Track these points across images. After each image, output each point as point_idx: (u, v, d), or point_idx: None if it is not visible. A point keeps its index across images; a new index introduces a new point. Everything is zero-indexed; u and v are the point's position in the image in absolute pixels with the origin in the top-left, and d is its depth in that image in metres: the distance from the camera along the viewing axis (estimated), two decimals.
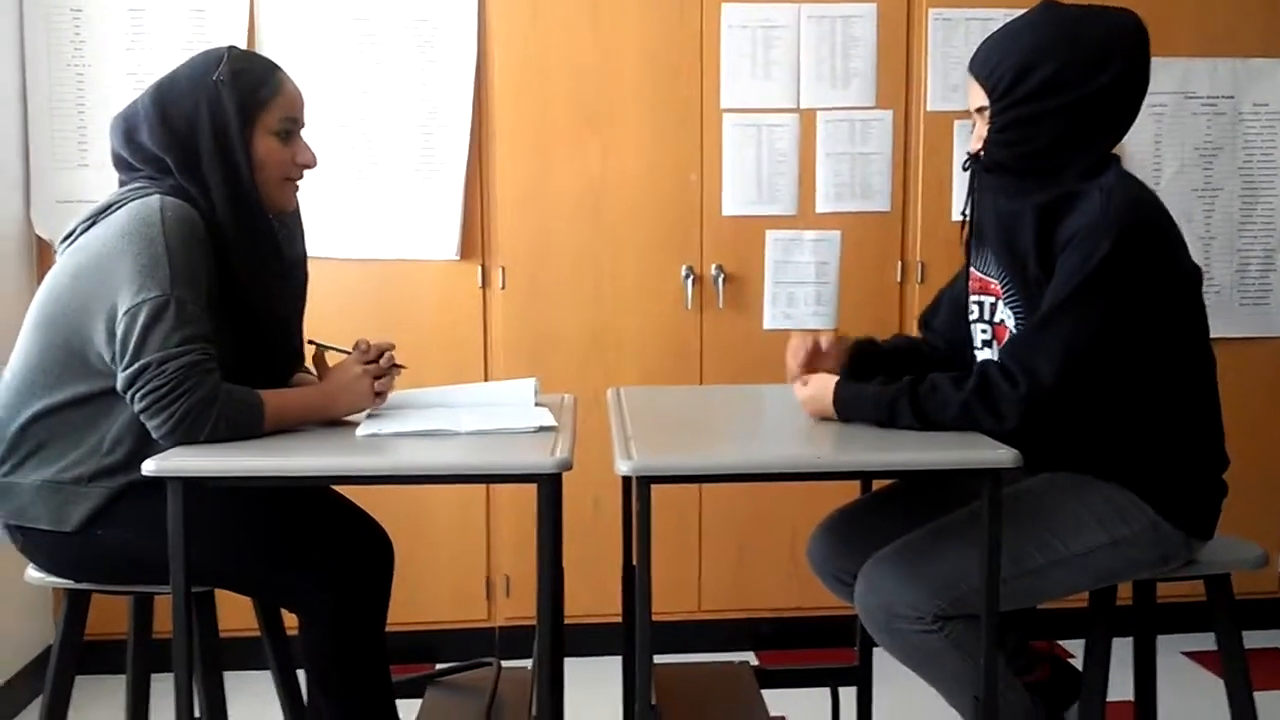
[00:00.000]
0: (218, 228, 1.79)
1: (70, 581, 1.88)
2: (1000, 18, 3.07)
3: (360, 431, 1.78)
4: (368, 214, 3.07)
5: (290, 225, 1.97)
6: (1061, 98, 1.77)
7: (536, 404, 2.00)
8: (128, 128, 1.83)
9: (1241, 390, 3.24)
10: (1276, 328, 3.29)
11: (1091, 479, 1.82)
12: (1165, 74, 3.18)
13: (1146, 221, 1.75)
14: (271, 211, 1.89)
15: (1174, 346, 1.81)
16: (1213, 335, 3.22)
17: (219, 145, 1.79)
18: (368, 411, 1.89)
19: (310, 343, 1.97)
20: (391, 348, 1.92)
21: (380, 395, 1.88)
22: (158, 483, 1.60)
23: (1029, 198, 1.80)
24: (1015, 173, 1.83)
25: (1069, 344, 1.70)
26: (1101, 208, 1.73)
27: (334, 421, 1.86)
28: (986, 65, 1.84)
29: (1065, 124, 1.78)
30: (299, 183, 1.93)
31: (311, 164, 1.91)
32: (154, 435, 1.71)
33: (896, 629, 1.78)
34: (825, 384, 1.85)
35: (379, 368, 1.88)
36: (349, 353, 1.90)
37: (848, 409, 1.81)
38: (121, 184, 1.87)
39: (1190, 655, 3.15)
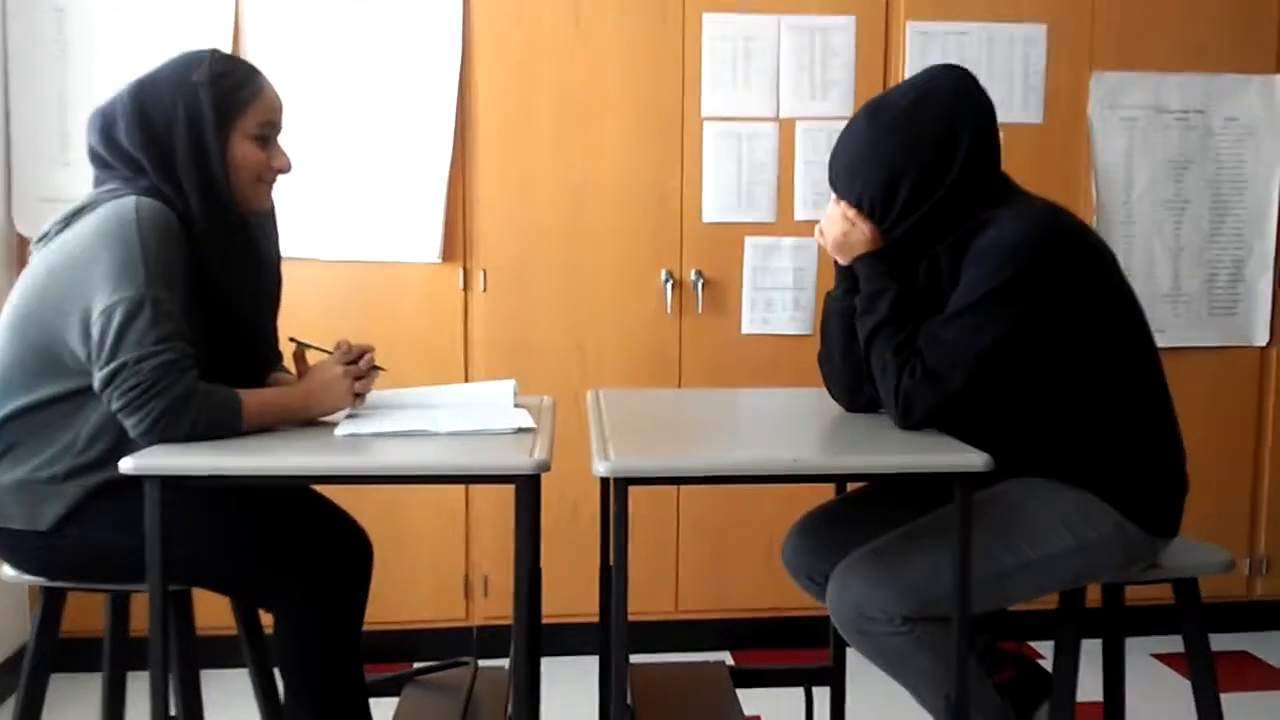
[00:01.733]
0: (192, 227, 1.79)
1: (45, 580, 1.87)
2: (975, 31, 3.17)
3: (339, 431, 1.79)
4: (350, 216, 3.08)
5: (265, 227, 1.98)
6: (933, 195, 1.82)
7: (515, 405, 2.02)
8: (105, 124, 1.84)
9: (1210, 398, 3.31)
10: (1244, 336, 3.34)
11: (1057, 484, 1.85)
12: (1137, 88, 3.24)
13: (1052, 236, 1.79)
14: (245, 211, 1.89)
15: (1116, 353, 1.85)
16: (1182, 344, 3.33)
17: (194, 146, 1.80)
18: (346, 412, 1.91)
19: (291, 340, 1.97)
20: (372, 349, 1.94)
21: (359, 396, 1.90)
22: (133, 481, 1.60)
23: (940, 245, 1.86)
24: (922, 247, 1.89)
25: (973, 350, 1.75)
26: (1008, 227, 1.78)
27: (313, 421, 1.87)
28: (851, 192, 1.88)
29: (947, 204, 1.83)
30: (273, 184, 1.93)
31: (287, 169, 1.91)
32: (131, 434, 1.71)
33: (867, 630, 1.81)
34: (867, 236, 1.88)
35: (359, 369, 1.89)
36: (329, 352, 1.92)
37: (862, 264, 1.88)
38: (97, 181, 1.87)
39: (1159, 657, 3.19)
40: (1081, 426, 1.84)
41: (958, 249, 1.83)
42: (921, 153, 1.81)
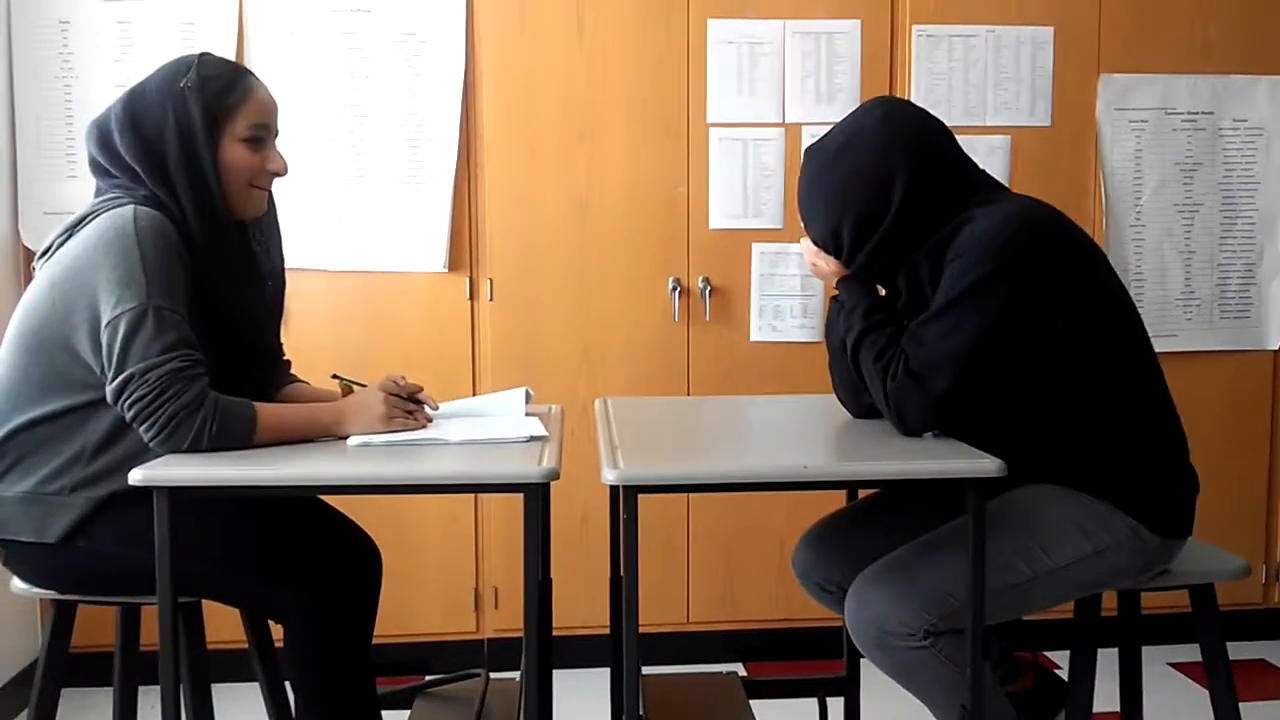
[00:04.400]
0: (189, 234, 1.79)
1: (55, 593, 1.87)
2: (982, 34, 3.16)
3: (351, 442, 1.78)
4: (356, 226, 3.07)
5: (268, 236, 1.97)
6: (879, 229, 1.84)
7: (527, 413, 2.01)
8: (101, 135, 1.84)
9: (1223, 403, 3.29)
10: (1256, 340, 3.32)
11: (1069, 490, 1.83)
12: (1146, 90, 3.22)
13: (1028, 229, 1.78)
14: (238, 218, 1.88)
15: (1110, 350, 1.83)
16: (1194, 349, 3.31)
17: (185, 152, 1.79)
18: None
19: (334, 377, 1.97)
20: (420, 389, 1.92)
21: (392, 420, 1.83)
22: (142, 492, 1.59)
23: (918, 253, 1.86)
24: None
25: (954, 348, 1.74)
26: (984, 224, 1.78)
27: None
28: (809, 231, 1.95)
29: (899, 230, 1.84)
30: (269, 190, 1.91)
31: (282, 172, 1.90)
32: (146, 443, 1.71)
33: (888, 645, 1.79)
34: (836, 267, 1.94)
35: (402, 402, 1.86)
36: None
37: (840, 287, 1.94)
38: (98, 191, 1.87)
39: (1175, 666, 3.16)
40: (1085, 429, 1.83)
41: (937, 252, 1.82)
42: (853, 194, 1.84)
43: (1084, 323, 1.80)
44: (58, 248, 1.82)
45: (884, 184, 1.83)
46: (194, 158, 1.80)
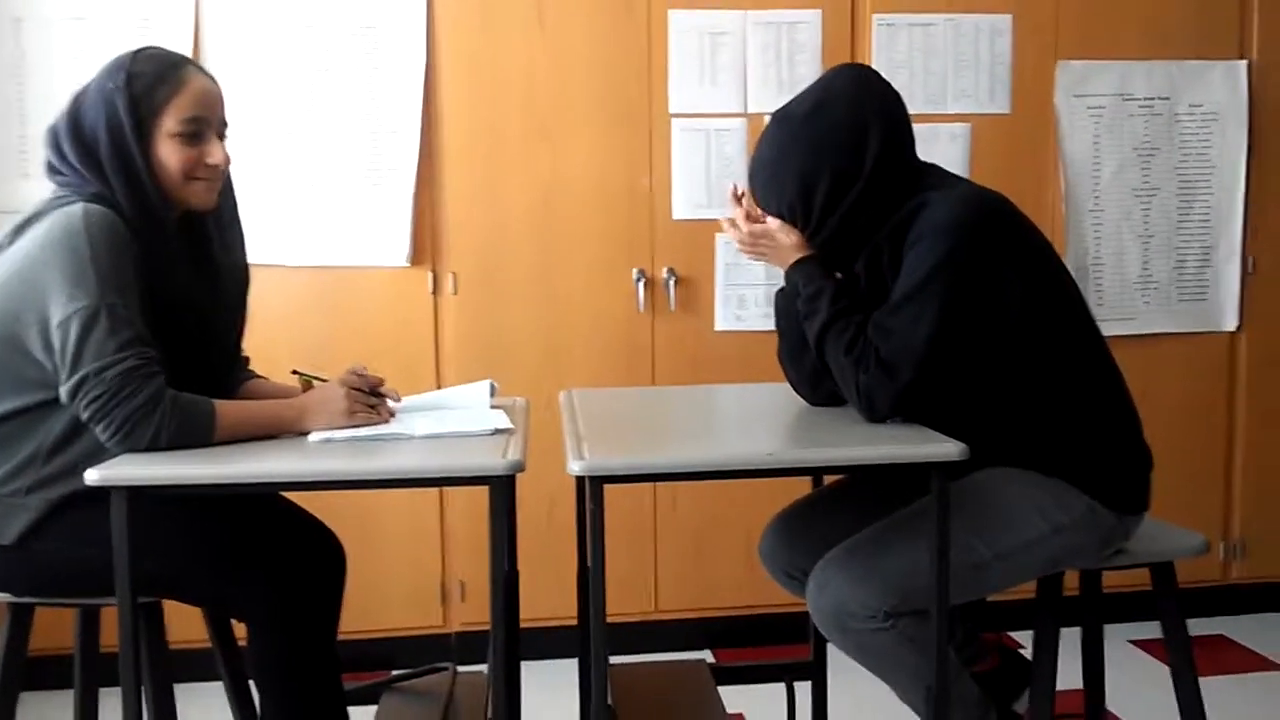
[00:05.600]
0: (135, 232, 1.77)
1: (11, 595, 1.84)
2: (941, 23, 3.17)
3: (313, 437, 1.77)
4: (317, 221, 3.04)
5: (229, 230, 1.95)
6: (850, 193, 1.84)
7: (492, 406, 2.00)
8: (54, 139, 1.83)
9: (1181, 384, 3.33)
10: (1214, 322, 3.37)
11: (1027, 471, 1.85)
12: (1104, 76, 3.25)
13: (984, 213, 1.81)
14: (186, 210, 1.85)
15: (1061, 330, 1.85)
16: (1152, 331, 3.35)
17: (117, 152, 1.77)
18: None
19: (294, 373, 1.95)
20: (382, 382, 1.90)
21: (354, 415, 1.83)
22: (99, 492, 1.57)
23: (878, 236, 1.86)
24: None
25: (922, 333, 1.75)
26: (941, 209, 1.79)
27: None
28: (769, 203, 1.90)
29: (867, 199, 1.84)
30: (214, 180, 1.86)
31: (221, 164, 1.86)
32: (103, 442, 1.69)
33: (849, 628, 1.80)
34: (796, 242, 1.89)
35: (364, 395, 1.85)
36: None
37: (795, 271, 1.89)
38: (53, 193, 1.84)
39: (1137, 643, 3.21)
40: (1040, 410, 1.85)
41: (896, 236, 1.83)
42: (830, 154, 1.83)
43: (1036, 305, 1.82)
44: (7, 246, 1.79)
45: (859, 141, 1.83)
46: (126, 158, 1.77)
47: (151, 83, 1.80)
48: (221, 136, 1.88)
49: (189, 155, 1.82)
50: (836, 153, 1.83)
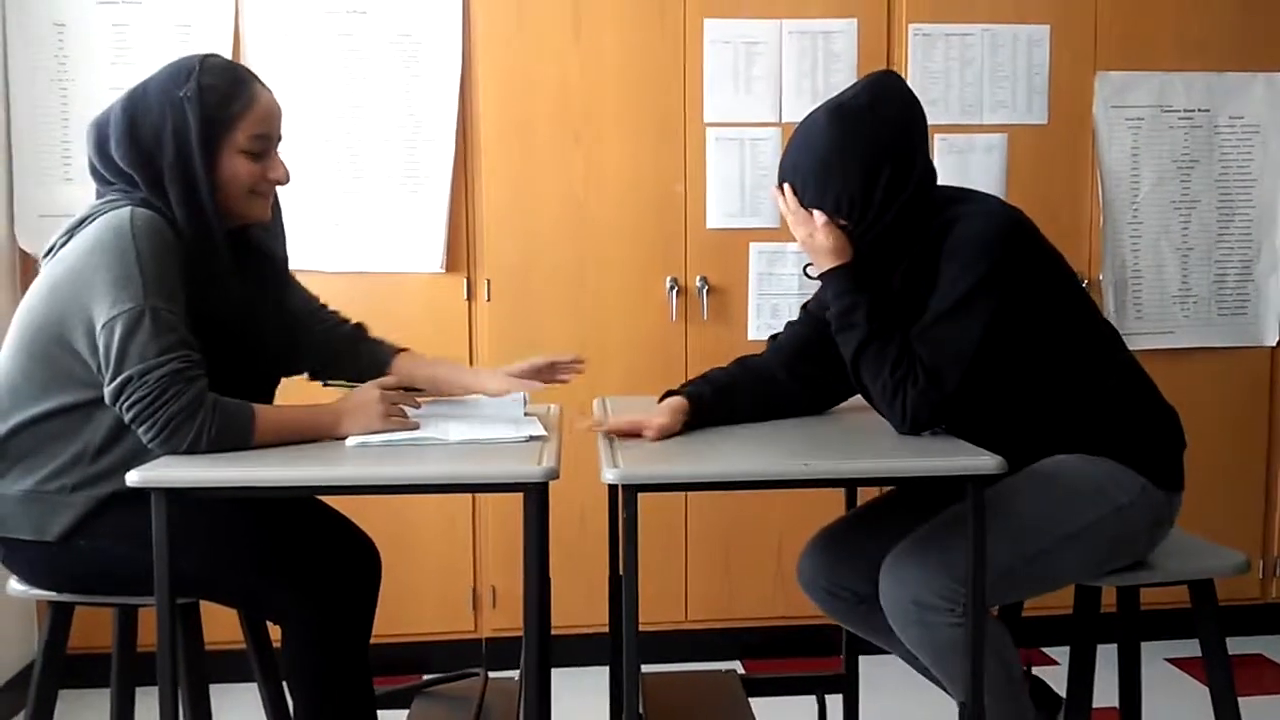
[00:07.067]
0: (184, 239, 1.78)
1: (53, 593, 1.87)
2: (978, 33, 3.16)
3: (350, 442, 1.78)
4: (353, 227, 3.07)
5: (271, 233, 1.96)
6: (906, 189, 1.84)
7: (526, 414, 2.01)
8: (99, 138, 1.82)
9: (1220, 399, 3.29)
10: (1254, 337, 3.32)
11: (1082, 455, 1.87)
12: (1143, 87, 3.22)
13: (1016, 226, 1.86)
14: (241, 224, 1.88)
15: (1087, 332, 1.91)
16: (1190, 345, 3.32)
17: (180, 163, 1.77)
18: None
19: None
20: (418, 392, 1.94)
21: (390, 419, 1.83)
22: (142, 492, 1.59)
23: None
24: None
25: (966, 347, 1.77)
26: (976, 223, 1.82)
27: None
28: (819, 196, 1.85)
29: (918, 200, 1.85)
30: (270, 195, 1.90)
31: (284, 180, 1.88)
32: (145, 444, 1.71)
33: (928, 621, 1.78)
34: (834, 246, 1.86)
35: (397, 395, 1.87)
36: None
37: (829, 278, 1.88)
38: (99, 194, 1.87)
39: (1174, 662, 3.16)
40: (1081, 401, 1.88)
41: (930, 250, 1.84)
42: (891, 148, 1.83)
43: (1061, 306, 1.89)
44: (60, 247, 1.82)
45: (914, 140, 1.87)
46: (189, 169, 1.78)
47: (225, 96, 1.81)
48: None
49: (255, 170, 1.84)
50: (895, 147, 1.84)
